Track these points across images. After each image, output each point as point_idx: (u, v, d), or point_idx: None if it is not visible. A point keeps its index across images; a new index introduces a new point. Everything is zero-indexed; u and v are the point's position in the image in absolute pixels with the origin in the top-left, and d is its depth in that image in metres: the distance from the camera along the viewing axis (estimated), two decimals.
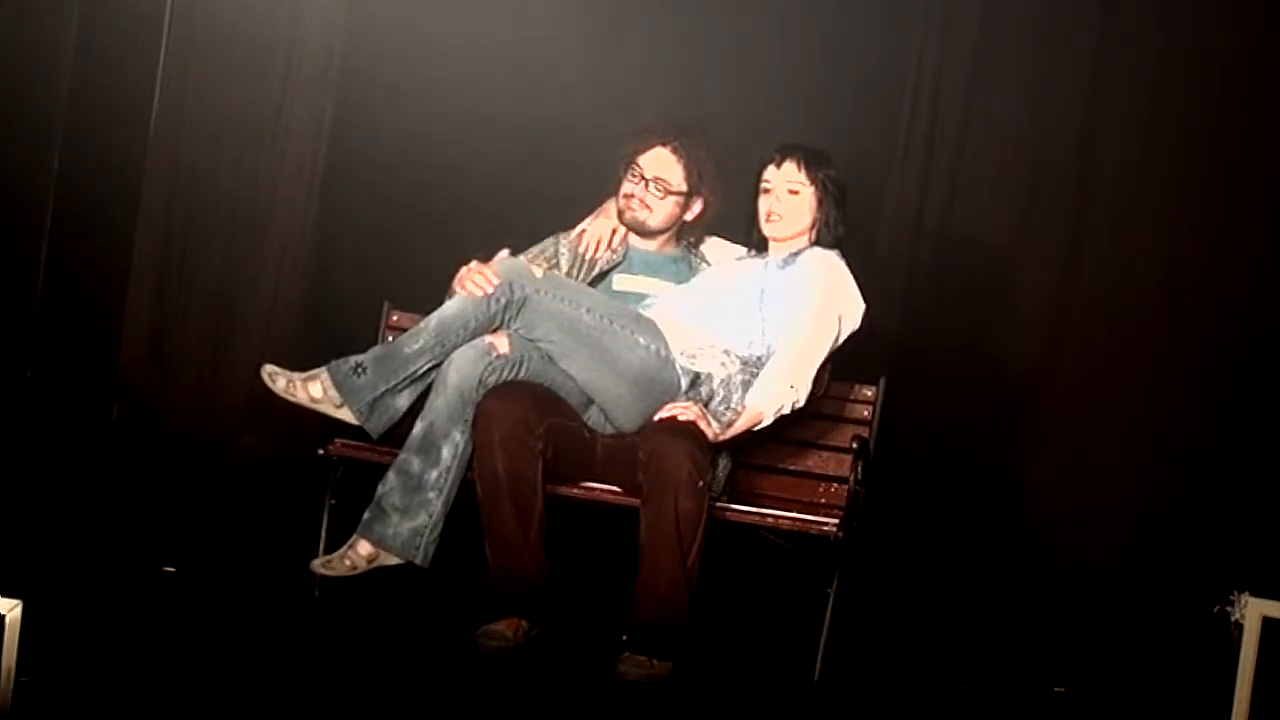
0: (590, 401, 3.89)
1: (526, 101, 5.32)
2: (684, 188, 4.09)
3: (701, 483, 3.65)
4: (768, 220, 3.97)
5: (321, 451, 3.90)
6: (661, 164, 4.08)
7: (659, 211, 4.10)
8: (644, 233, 4.14)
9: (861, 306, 3.91)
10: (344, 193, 5.45)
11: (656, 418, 3.77)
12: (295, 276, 5.47)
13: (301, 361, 3.87)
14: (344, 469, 3.93)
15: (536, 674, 3.58)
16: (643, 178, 4.09)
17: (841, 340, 3.90)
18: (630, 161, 4.09)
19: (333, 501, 3.93)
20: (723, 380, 3.82)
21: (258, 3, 5.30)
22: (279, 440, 5.12)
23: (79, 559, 4.04)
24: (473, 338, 3.80)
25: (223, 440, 5.32)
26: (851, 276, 3.92)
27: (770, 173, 3.97)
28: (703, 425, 3.71)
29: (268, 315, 5.45)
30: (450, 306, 3.82)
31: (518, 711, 3.38)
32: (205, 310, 5.45)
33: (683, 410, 3.73)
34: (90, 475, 4.82)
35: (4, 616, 2.61)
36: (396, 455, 3.81)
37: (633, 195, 4.10)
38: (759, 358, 3.84)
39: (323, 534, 3.90)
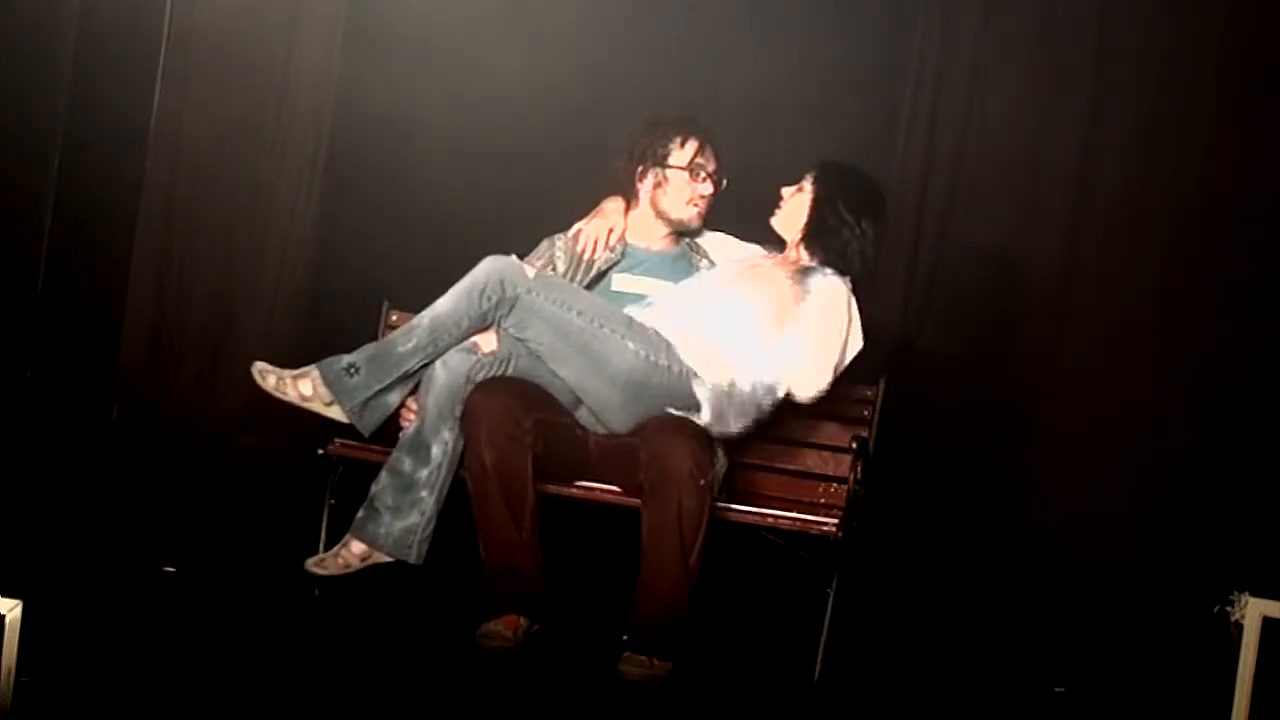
0: (580, 401, 3.88)
1: (526, 101, 5.32)
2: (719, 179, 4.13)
3: (703, 481, 3.66)
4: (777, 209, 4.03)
5: (321, 451, 3.90)
6: (712, 158, 4.09)
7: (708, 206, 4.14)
8: (693, 233, 4.15)
9: (859, 344, 3.92)
10: (343, 193, 5.45)
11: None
12: (295, 276, 5.47)
13: (301, 361, 3.86)
14: (343, 469, 3.93)
15: (536, 674, 3.58)
16: (709, 176, 4.09)
17: (843, 367, 3.91)
18: (692, 162, 4.06)
19: (332, 501, 3.93)
20: (724, 392, 3.82)
21: (258, 3, 5.30)
22: (279, 440, 5.11)
23: (79, 559, 4.04)
24: (466, 336, 3.80)
25: (222, 440, 5.32)
26: (855, 310, 3.91)
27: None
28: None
29: (267, 315, 5.45)
30: (443, 305, 3.82)
31: (518, 711, 3.38)
32: (205, 310, 5.45)
33: None
34: (90, 475, 4.82)
35: (4, 616, 2.61)
36: None
37: (706, 197, 4.10)
38: (761, 379, 3.84)
39: (322, 534, 3.90)
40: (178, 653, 3.38)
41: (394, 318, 4.17)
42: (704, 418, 3.79)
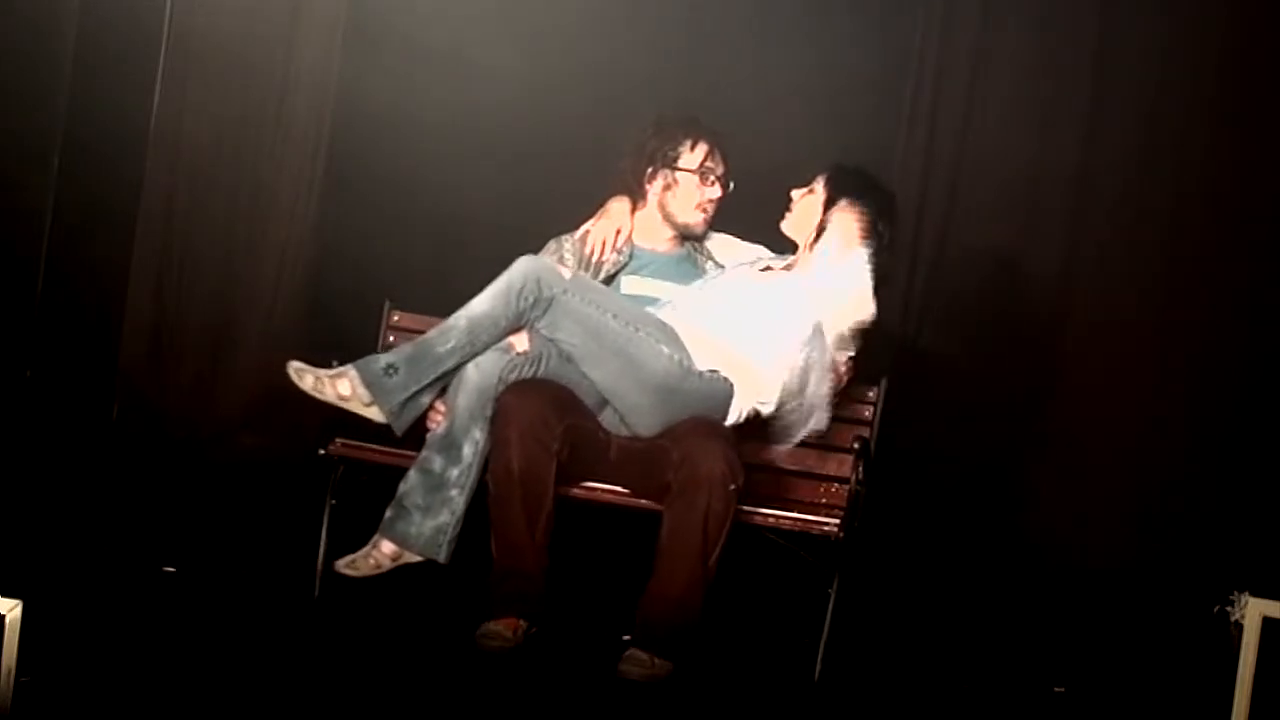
0: (606, 402, 3.88)
1: (527, 101, 5.31)
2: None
3: (734, 486, 3.66)
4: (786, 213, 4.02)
5: (322, 451, 3.90)
6: (721, 162, 4.08)
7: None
8: (697, 237, 4.15)
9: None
10: (343, 193, 5.44)
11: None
12: (295, 276, 5.46)
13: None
14: (344, 469, 3.93)
15: (536, 674, 3.58)
16: (717, 180, 4.09)
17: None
18: (702, 165, 4.07)
19: (333, 501, 3.93)
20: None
21: (258, 2, 5.30)
22: (279, 440, 5.12)
23: (79, 559, 4.04)
24: (503, 336, 3.80)
25: (223, 440, 5.32)
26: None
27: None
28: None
29: (267, 315, 5.44)
30: (479, 305, 3.82)
31: (518, 711, 3.38)
32: (205, 310, 5.44)
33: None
34: (90, 475, 4.81)
35: (4, 616, 2.61)
36: (397, 455, 3.83)
37: (714, 201, 4.10)
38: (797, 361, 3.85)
39: (323, 534, 3.90)
40: (178, 653, 3.38)
41: (396, 318, 4.18)
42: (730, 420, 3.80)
